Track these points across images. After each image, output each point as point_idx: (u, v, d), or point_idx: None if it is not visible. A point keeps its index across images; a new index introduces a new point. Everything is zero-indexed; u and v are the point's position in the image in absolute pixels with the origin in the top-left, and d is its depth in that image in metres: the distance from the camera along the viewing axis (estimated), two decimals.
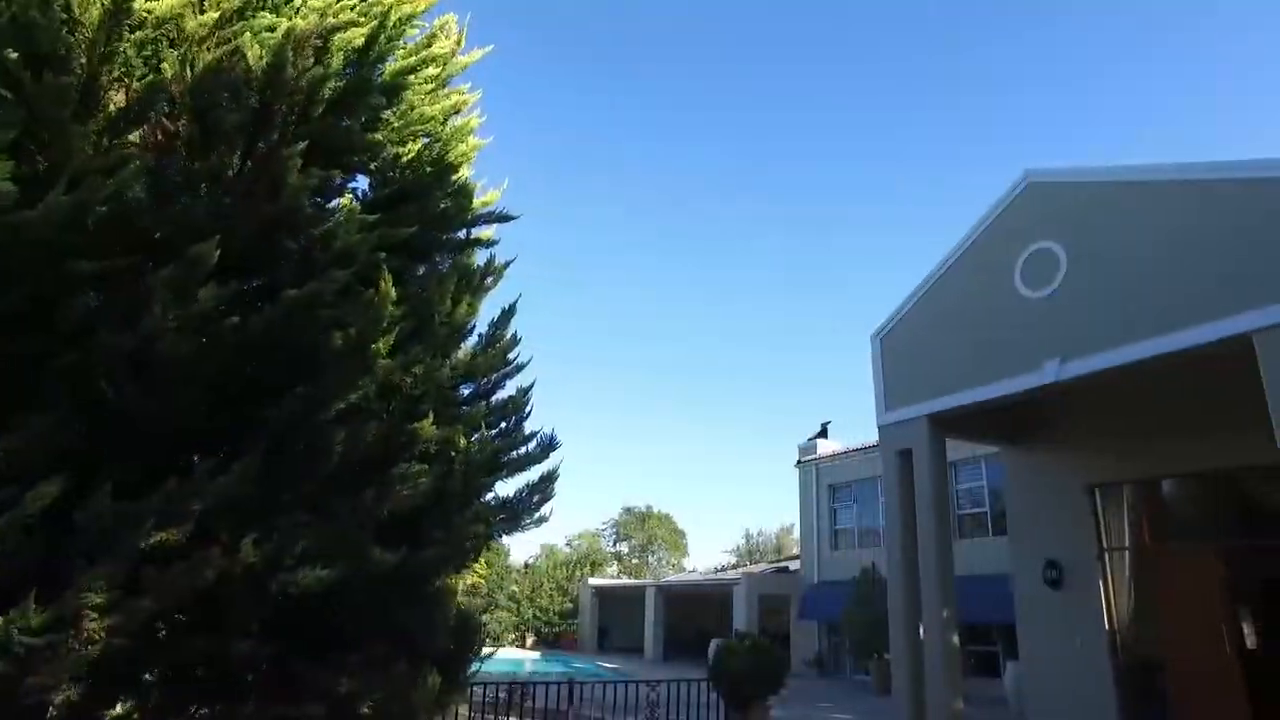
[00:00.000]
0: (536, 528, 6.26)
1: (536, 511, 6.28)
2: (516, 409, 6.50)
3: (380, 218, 5.37)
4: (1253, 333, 8.74)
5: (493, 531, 6.24)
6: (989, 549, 17.39)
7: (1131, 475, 12.95)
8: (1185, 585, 12.04)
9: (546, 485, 6.30)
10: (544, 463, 6.38)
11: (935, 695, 11.37)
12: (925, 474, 12.19)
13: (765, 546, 53.62)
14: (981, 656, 17.85)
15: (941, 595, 11.65)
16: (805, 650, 22.44)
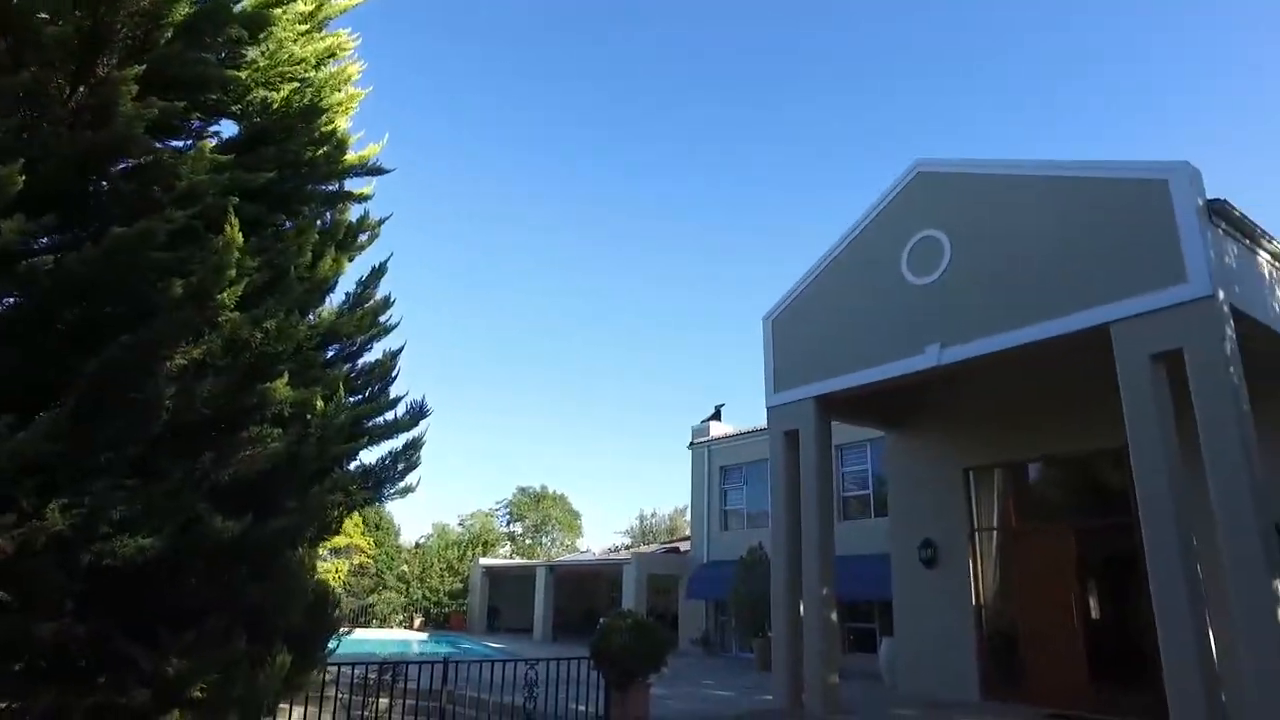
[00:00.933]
0: (402, 497, 5.92)
1: (401, 480, 5.94)
2: (384, 373, 6.12)
3: (234, 159, 4.88)
4: (1110, 324, 9.19)
5: (355, 501, 5.86)
6: (871, 530, 17.96)
7: (1001, 459, 13.55)
8: (1042, 562, 12.71)
9: (412, 453, 5.96)
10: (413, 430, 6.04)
11: (813, 670, 11.61)
12: (811, 454, 12.39)
13: (659, 528, 54.20)
14: (860, 633, 18.48)
15: (822, 573, 11.89)
16: (693, 629, 22.73)
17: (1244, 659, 7.67)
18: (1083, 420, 12.32)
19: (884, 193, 12.18)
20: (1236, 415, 8.12)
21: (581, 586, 30.81)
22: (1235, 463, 8.00)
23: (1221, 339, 8.36)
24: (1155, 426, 8.59)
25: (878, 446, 17.99)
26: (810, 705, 11.50)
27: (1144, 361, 8.82)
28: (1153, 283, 8.94)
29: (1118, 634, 12.03)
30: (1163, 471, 8.45)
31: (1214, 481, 8.10)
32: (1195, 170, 9.01)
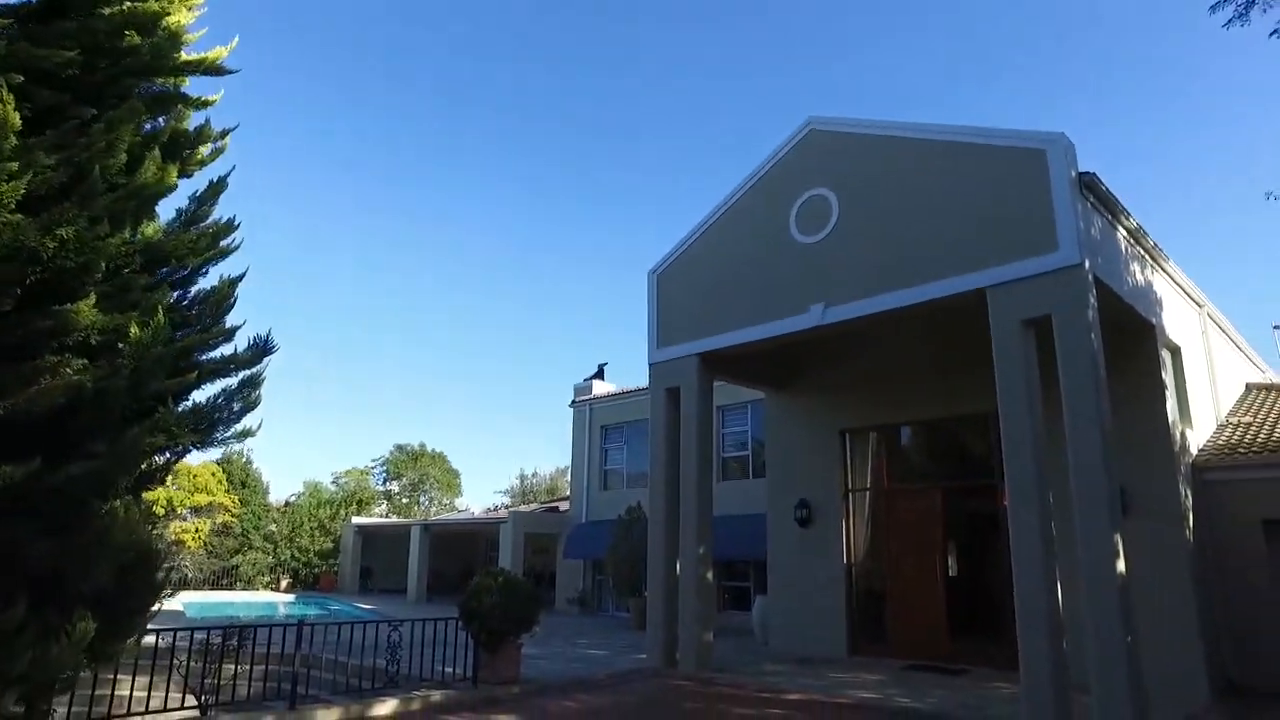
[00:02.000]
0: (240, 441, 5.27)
1: (237, 422, 5.26)
2: (220, 301, 5.38)
3: (17, 25, 4.03)
4: (987, 289, 9.36)
5: (183, 445, 5.15)
6: (749, 490, 18.16)
7: (876, 422, 13.84)
8: (911, 522, 13.12)
9: (249, 391, 5.28)
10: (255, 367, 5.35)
11: (687, 629, 11.58)
12: (692, 412, 12.25)
13: (539, 488, 53.74)
14: (736, 591, 18.77)
15: (699, 532, 11.83)
16: (570, 588, 22.58)
17: (1086, 610, 8.02)
18: (952, 386, 12.69)
19: (776, 148, 12.01)
20: (1095, 381, 8.42)
21: (458, 546, 30.14)
22: (1092, 425, 8.30)
23: (1086, 306, 8.62)
24: (1023, 389, 8.82)
25: (758, 409, 18.14)
26: (683, 663, 11.47)
27: (1015, 326, 9.02)
28: (1026, 250, 9.13)
29: (976, 590, 12.57)
30: (1027, 433, 8.70)
31: (1072, 443, 8.38)
32: (1070, 143, 9.21)
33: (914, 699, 9.42)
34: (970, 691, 9.97)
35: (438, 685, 9.57)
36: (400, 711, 8.50)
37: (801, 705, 9.18)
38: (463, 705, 8.92)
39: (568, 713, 8.76)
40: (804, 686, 10.22)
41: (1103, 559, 8.03)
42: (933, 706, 9.00)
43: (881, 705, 9.10)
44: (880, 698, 9.53)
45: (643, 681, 10.77)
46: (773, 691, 9.91)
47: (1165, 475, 10.61)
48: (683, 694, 9.93)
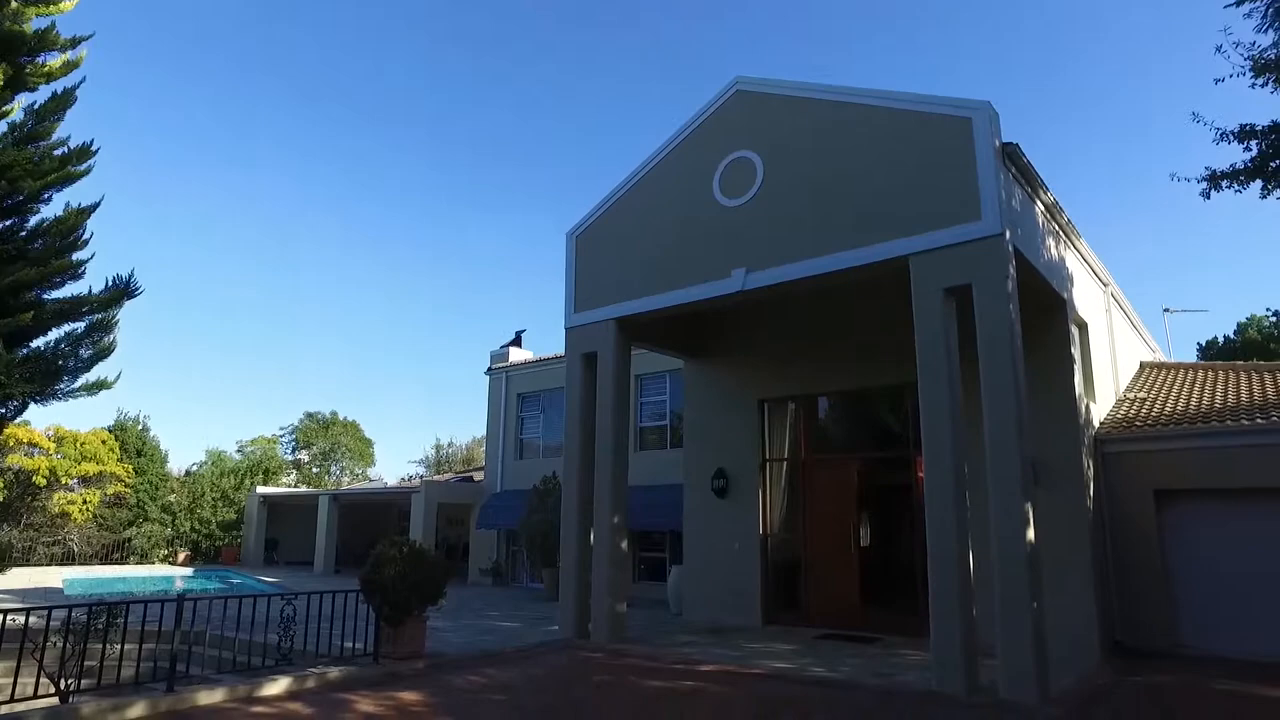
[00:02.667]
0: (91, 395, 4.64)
1: (86, 371, 4.61)
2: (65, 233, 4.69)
3: None
4: (910, 256, 9.26)
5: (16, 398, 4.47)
6: (666, 460, 17.98)
7: (794, 392, 13.77)
8: (827, 492, 13.14)
9: (100, 335, 4.65)
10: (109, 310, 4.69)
11: (600, 600, 11.31)
12: (609, 378, 11.89)
13: (456, 458, 52.69)
14: (651, 562, 18.62)
15: (614, 501, 11.53)
16: (484, 559, 22.07)
17: (996, 578, 8.07)
18: (871, 358, 12.69)
19: (702, 108, 11.64)
20: (1013, 351, 8.41)
21: (369, 517, 29.20)
22: (1008, 395, 8.30)
23: (1006, 277, 8.60)
24: (943, 358, 8.76)
25: (677, 379, 17.93)
26: (596, 635, 11.21)
27: (937, 295, 8.94)
28: (949, 218, 9.04)
29: (889, 560, 12.70)
30: (945, 401, 8.65)
31: (988, 413, 8.38)
32: (995, 112, 9.13)
33: (828, 668, 9.39)
34: (882, 659, 10.02)
35: (336, 661, 9.04)
36: (293, 690, 7.97)
37: (715, 676, 9.02)
38: (362, 682, 8.44)
39: (473, 688, 8.37)
40: (718, 657, 10.09)
41: (1014, 528, 8.07)
42: (846, 675, 8.97)
43: (795, 675, 9.02)
44: (794, 667, 9.46)
45: (553, 654, 10.46)
46: (686, 663, 9.74)
47: (1071, 447, 10.83)
48: (594, 666, 9.66)
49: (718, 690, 8.34)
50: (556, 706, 7.62)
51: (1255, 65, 10.67)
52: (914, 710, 7.50)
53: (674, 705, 7.68)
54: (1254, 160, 10.47)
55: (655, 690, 8.38)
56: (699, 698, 8.01)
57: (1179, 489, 11.52)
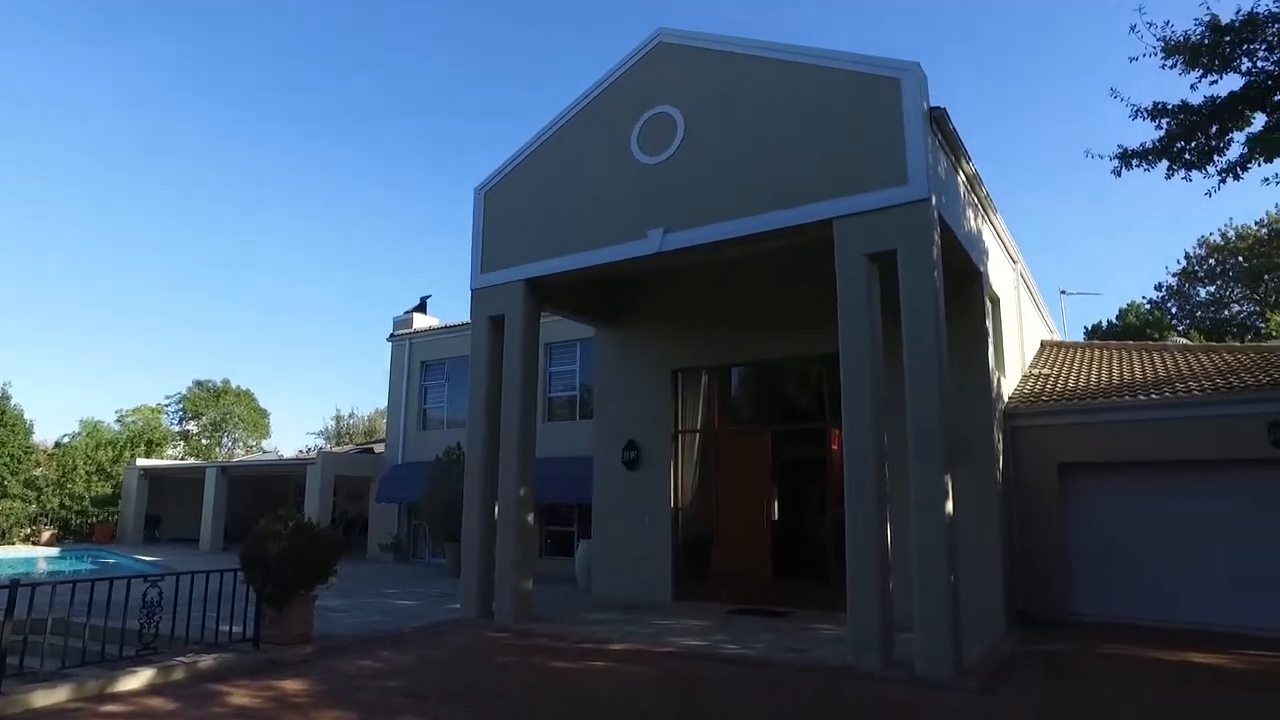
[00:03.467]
0: None
1: None
2: None
3: None
4: (834, 219, 8.95)
5: None
6: (575, 432, 17.47)
7: (708, 362, 13.43)
8: (740, 465, 12.88)
9: None
10: None
11: (505, 576, 10.75)
12: (517, 343, 11.25)
13: (357, 429, 50.76)
14: (558, 536, 18.13)
15: (521, 473, 10.95)
16: (384, 534, 21.14)
17: (914, 551, 7.91)
18: (787, 328, 12.45)
19: (623, 59, 11.02)
20: (936, 319, 8.22)
21: (262, 491, 27.61)
22: (931, 364, 8.11)
23: (931, 243, 8.39)
24: (865, 324, 8.50)
25: (588, 348, 17.40)
26: (500, 613, 10.66)
27: (860, 260, 8.66)
28: (875, 181, 8.76)
29: (801, 533, 12.56)
30: (867, 370, 8.40)
31: (910, 383, 8.17)
32: (924, 74, 8.87)
33: (741, 644, 9.11)
34: (795, 634, 9.83)
35: (211, 649, 8.18)
36: (156, 684, 7.13)
37: (625, 655, 8.62)
38: (239, 670, 7.65)
39: (365, 673, 7.70)
40: (628, 635, 9.69)
41: (935, 501, 7.91)
42: (760, 652, 8.70)
43: (708, 653, 8.71)
44: (707, 644, 9.16)
45: (454, 634, 9.86)
46: (595, 642, 9.31)
47: (984, 421, 10.86)
48: (497, 647, 9.11)
49: (628, 670, 7.92)
50: (456, 691, 7.05)
51: (1166, 46, 10.77)
52: (829, 687, 7.26)
53: (582, 687, 7.22)
54: (1162, 140, 10.60)
55: (562, 672, 7.91)
56: (608, 679, 7.58)
57: (1080, 462, 11.77)
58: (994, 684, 7.44)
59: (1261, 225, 35.59)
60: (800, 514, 12.65)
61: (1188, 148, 10.33)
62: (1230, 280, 37.07)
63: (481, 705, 6.59)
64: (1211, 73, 10.38)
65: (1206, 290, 38.06)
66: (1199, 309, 37.92)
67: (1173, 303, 38.78)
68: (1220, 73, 10.38)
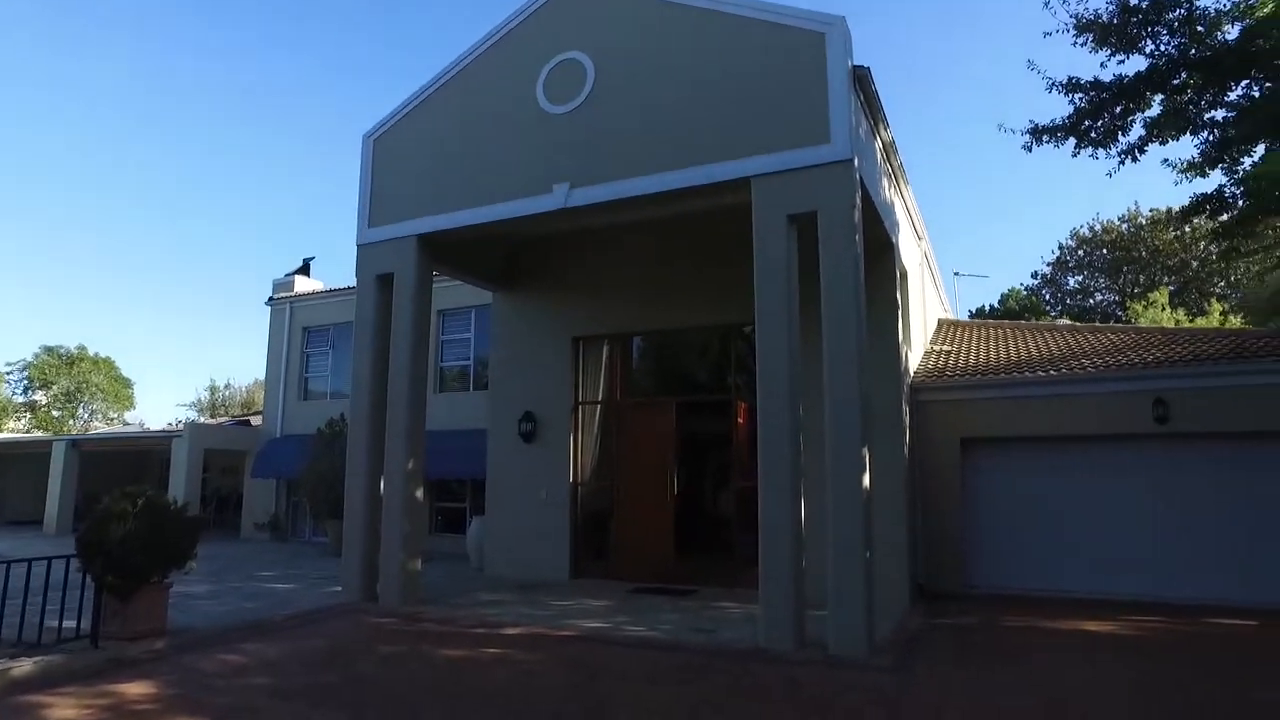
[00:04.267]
0: None
1: None
2: None
3: None
4: (753, 178, 8.46)
5: None
6: (468, 404, 16.57)
7: (611, 330, 12.82)
8: (643, 437, 12.35)
9: None
10: None
11: (391, 556, 9.90)
12: (407, 305, 10.33)
13: (234, 401, 47.67)
14: (450, 513, 17.20)
15: (410, 445, 10.09)
16: (261, 512, 19.64)
17: (831, 526, 7.59)
18: (694, 297, 11.99)
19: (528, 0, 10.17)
20: (857, 285, 7.87)
21: (123, 467, 25.24)
22: (850, 331, 7.76)
23: (854, 205, 8.01)
24: (783, 289, 8.07)
25: (483, 315, 16.50)
26: (386, 596, 9.82)
27: (780, 221, 8.21)
28: (797, 139, 8.31)
29: (705, 508, 12.20)
30: (784, 337, 7.98)
31: (830, 350, 7.79)
32: (849, 30, 8.45)
33: (646, 626, 8.63)
34: (701, 614, 9.43)
35: (35, 649, 7.00)
36: None
37: (522, 641, 7.98)
38: (69, 675, 6.57)
39: (224, 671, 6.78)
40: (525, 618, 9.05)
41: (852, 475, 7.59)
42: (666, 633, 8.24)
43: (612, 636, 8.18)
44: (609, 626, 8.63)
45: (334, 621, 8.97)
46: (489, 626, 8.63)
47: (894, 394, 10.69)
48: (382, 634, 8.31)
49: (526, 659, 7.29)
50: (333, 687, 6.25)
51: (1078, 24, 10.79)
52: (742, 671, 6.85)
53: (476, 677, 6.55)
54: (1071, 118, 10.64)
55: (454, 662, 7.20)
56: (505, 668, 6.93)
57: (981, 437, 11.85)
58: (908, 662, 7.22)
59: (1124, 220, 37.84)
60: (704, 489, 12.29)
61: (1095, 126, 10.39)
62: (1095, 271, 39.31)
63: (361, 704, 5.82)
64: (1119, 52, 10.47)
65: (1075, 279, 40.24)
66: (1068, 297, 40.06)
67: (1047, 290, 40.81)
68: (1127, 53, 10.49)
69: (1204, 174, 10.96)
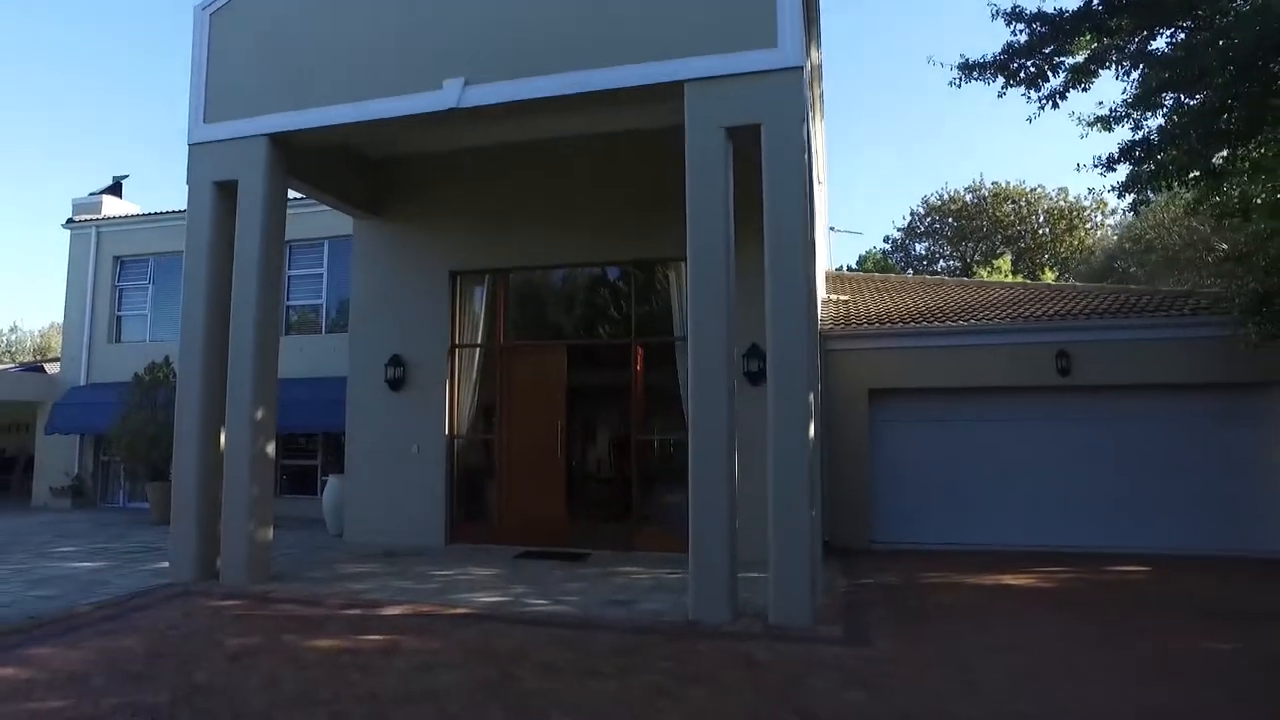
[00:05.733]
0: None
1: None
2: None
3: None
4: (687, 82, 7.27)
5: None
6: (323, 348, 14.54)
7: (496, 264, 11.34)
8: (530, 385, 11.04)
9: None
10: None
11: (236, 525, 8.15)
12: (257, 219, 8.45)
13: (23, 345, 41.54)
14: (299, 472, 15.15)
15: (258, 391, 8.33)
16: (59, 474, 16.66)
17: (770, 480, 6.68)
18: (590, 229, 10.77)
19: None
20: (803, 206, 6.93)
21: None
22: (796, 260, 6.83)
23: (802, 119, 7.03)
24: (720, 211, 7.00)
25: (340, 248, 14.52)
26: (230, 575, 8.09)
27: (718, 134, 7.09)
28: (739, 42, 7.19)
29: (599, 463, 11.09)
30: (720, 265, 6.94)
31: (775, 280, 6.82)
32: None
33: (550, 599, 7.48)
34: (605, 582, 8.37)
35: None
36: None
37: (410, 623, 6.61)
38: None
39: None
40: (406, 593, 7.66)
41: (798, 423, 6.71)
42: (577, 607, 7.13)
43: (515, 613, 6.96)
44: (508, 600, 7.41)
45: (161, 608, 7.19)
46: (365, 605, 7.18)
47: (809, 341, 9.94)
48: (228, 623, 6.67)
49: (420, 646, 5.96)
50: (160, 709, 4.67)
51: None
52: (685, 650, 5.85)
53: (362, 677, 5.16)
54: (1002, 55, 10.13)
55: (329, 655, 5.74)
56: (396, 660, 5.57)
57: (889, 388, 11.42)
58: (858, 631, 6.48)
59: (969, 190, 39.63)
60: (599, 442, 11.17)
61: (1025, 65, 9.92)
62: (941, 239, 41.08)
63: None
64: None
65: (923, 246, 41.92)
66: (917, 262, 41.72)
67: (898, 255, 42.29)
68: None
69: (1109, 128, 10.83)
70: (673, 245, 10.36)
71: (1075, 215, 36.32)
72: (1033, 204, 37.54)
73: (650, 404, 10.76)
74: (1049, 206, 37.14)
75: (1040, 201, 37.38)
